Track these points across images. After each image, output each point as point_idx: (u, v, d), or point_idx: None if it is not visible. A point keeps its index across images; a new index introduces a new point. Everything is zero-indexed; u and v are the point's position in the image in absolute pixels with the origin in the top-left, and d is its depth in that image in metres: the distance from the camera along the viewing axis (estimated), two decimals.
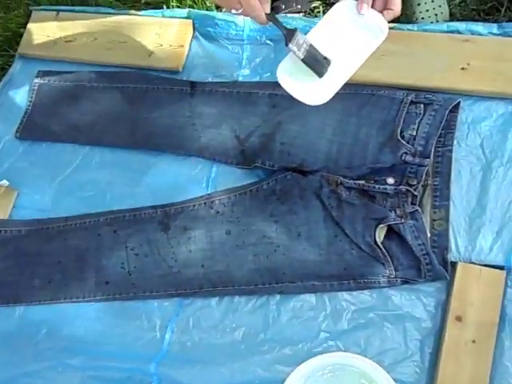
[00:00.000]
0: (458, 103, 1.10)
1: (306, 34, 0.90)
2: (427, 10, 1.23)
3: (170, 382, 1.05)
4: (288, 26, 0.88)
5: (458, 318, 0.98)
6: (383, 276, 1.03)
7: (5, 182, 1.27)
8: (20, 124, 1.34)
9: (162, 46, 1.30)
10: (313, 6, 1.37)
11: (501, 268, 1.00)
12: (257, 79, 1.25)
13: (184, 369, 1.06)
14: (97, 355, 1.10)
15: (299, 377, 0.99)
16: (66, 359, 1.11)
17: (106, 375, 1.08)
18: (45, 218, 1.23)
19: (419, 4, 1.23)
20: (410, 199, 1.04)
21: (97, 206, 1.22)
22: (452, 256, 1.03)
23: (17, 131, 1.33)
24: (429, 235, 1.03)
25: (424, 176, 1.05)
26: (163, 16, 1.34)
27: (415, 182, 1.04)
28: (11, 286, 1.18)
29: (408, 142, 1.07)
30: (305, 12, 1.37)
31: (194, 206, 1.16)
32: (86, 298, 1.14)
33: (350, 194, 1.07)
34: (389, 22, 0.90)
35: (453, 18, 1.21)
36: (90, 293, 1.14)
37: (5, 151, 1.33)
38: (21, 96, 1.38)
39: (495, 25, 1.15)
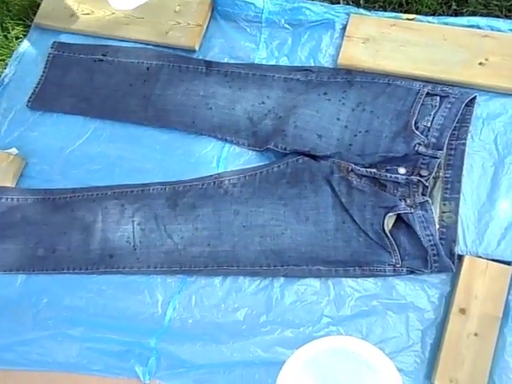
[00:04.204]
0: (474, 98, 1.09)
1: None
2: None
3: (170, 357, 1.05)
4: (308, 13, 0.85)
5: (462, 311, 0.98)
6: (389, 265, 1.03)
7: (14, 150, 1.27)
8: (32, 94, 1.33)
9: (179, 23, 1.29)
10: None
11: (507, 263, 1.00)
12: (273, 62, 1.25)
13: (184, 345, 1.06)
14: (97, 327, 1.10)
15: (299, 359, 0.99)
16: (66, 329, 1.11)
17: (105, 347, 1.08)
18: (52, 189, 1.22)
19: None
20: (420, 190, 1.04)
21: (105, 179, 1.22)
22: (459, 249, 1.03)
23: (28, 101, 1.33)
24: (437, 227, 1.02)
25: (436, 168, 1.04)
26: None
27: (427, 173, 1.04)
28: (14, 253, 1.18)
29: (422, 133, 1.06)
30: None
31: (203, 184, 1.15)
32: (89, 270, 1.14)
33: (361, 182, 1.07)
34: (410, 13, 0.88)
35: (474, 12, 1.20)
36: (94, 265, 1.14)
37: (15, 120, 1.32)
38: (34, 66, 1.37)
39: None
